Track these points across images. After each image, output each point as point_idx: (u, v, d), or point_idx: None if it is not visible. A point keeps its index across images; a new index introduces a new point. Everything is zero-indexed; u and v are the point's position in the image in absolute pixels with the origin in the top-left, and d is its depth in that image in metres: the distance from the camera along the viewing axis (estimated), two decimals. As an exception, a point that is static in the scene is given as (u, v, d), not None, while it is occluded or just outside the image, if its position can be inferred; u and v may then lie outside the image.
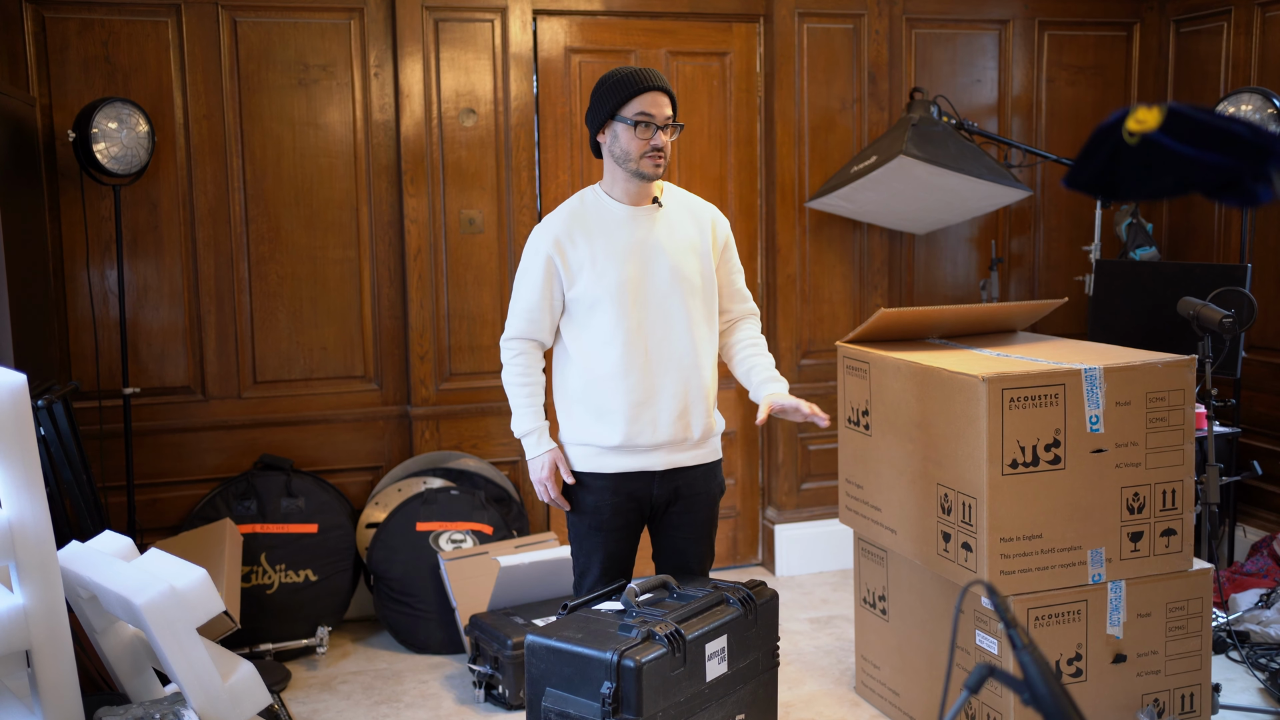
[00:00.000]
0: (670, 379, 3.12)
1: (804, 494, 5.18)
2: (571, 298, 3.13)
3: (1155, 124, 1.58)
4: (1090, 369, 3.21)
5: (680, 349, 3.13)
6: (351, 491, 4.73)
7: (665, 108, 3.07)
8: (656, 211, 3.16)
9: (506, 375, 3.21)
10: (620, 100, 3.07)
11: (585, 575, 3.22)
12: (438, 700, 4.00)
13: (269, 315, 4.62)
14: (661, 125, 3.06)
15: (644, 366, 3.10)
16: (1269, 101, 4.47)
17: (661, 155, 3.07)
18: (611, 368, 3.09)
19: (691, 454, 3.19)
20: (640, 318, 3.10)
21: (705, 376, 3.17)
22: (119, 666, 3.19)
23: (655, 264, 3.12)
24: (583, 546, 3.21)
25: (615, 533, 3.18)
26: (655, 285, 3.11)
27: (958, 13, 5.20)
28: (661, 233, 3.14)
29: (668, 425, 3.12)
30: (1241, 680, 3.93)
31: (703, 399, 3.17)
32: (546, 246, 3.13)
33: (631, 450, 3.12)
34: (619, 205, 3.15)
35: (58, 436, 3.74)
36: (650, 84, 3.06)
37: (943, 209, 4.88)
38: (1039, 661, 1.61)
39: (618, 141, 3.10)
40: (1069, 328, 5.22)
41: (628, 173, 3.11)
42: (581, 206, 3.17)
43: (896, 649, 3.73)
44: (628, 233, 3.12)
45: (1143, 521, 3.30)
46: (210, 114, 4.49)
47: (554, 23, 4.80)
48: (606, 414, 3.11)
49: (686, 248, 3.16)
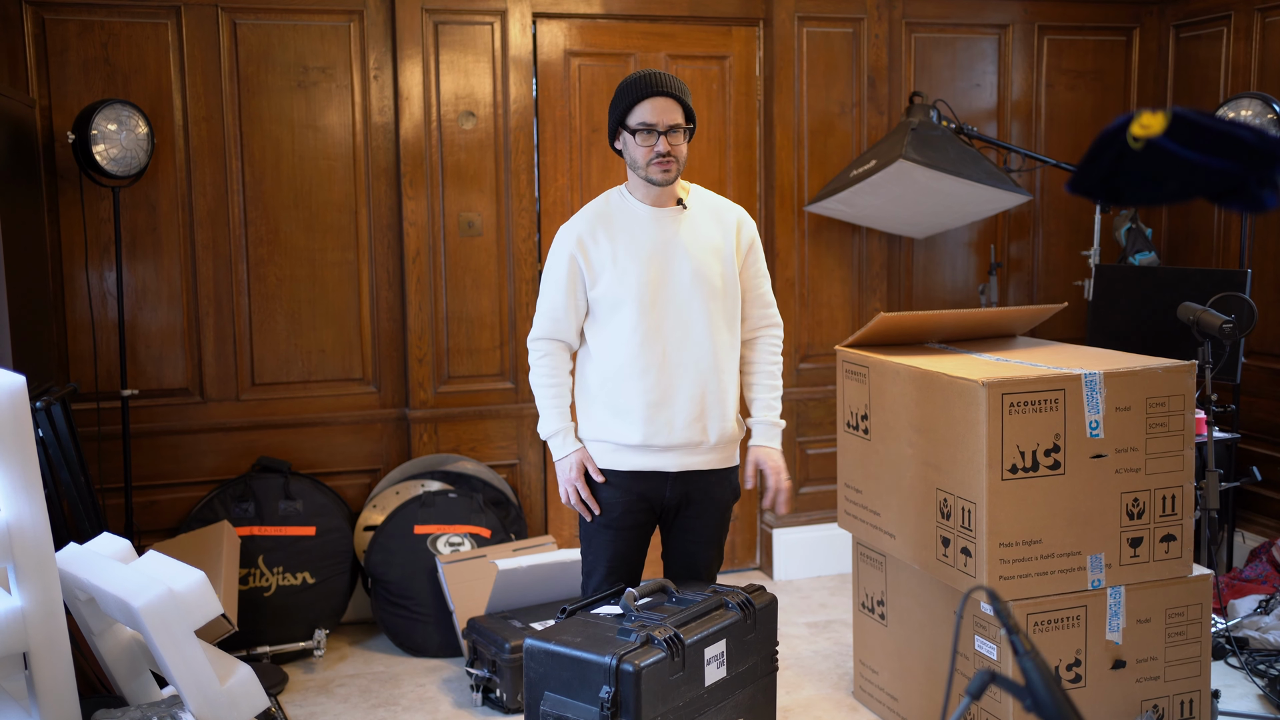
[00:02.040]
0: (687, 381, 3.11)
1: (802, 498, 5.17)
2: (594, 297, 3.13)
3: (1160, 129, 1.58)
4: (1090, 374, 3.21)
5: (699, 352, 3.12)
6: (349, 494, 4.72)
7: (670, 113, 3.05)
8: (680, 213, 3.15)
9: (533, 376, 3.21)
10: (624, 108, 3.07)
11: (592, 574, 3.22)
12: (435, 704, 3.99)
13: (267, 317, 4.61)
14: (665, 131, 3.04)
15: (661, 367, 3.09)
16: (1269, 107, 4.48)
17: (670, 160, 3.05)
18: (629, 367, 3.09)
19: (706, 458, 3.17)
20: (660, 318, 3.09)
21: (724, 380, 3.16)
22: (117, 669, 3.18)
23: (677, 265, 3.11)
24: (592, 544, 3.21)
25: (625, 532, 3.17)
26: (676, 287, 3.10)
27: (957, 17, 5.21)
28: (685, 234, 3.13)
29: (683, 427, 3.11)
30: (1241, 686, 3.93)
31: (719, 403, 3.15)
32: (570, 245, 3.13)
33: (647, 450, 3.12)
34: (642, 206, 3.14)
35: (56, 438, 3.73)
36: (651, 90, 3.04)
37: (942, 213, 4.88)
38: (1041, 667, 1.61)
39: (627, 149, 3.10)
40: (1068, 333, 5.21)
41: (640, 179, 3.11)
42: (606, 206, 3.18)
43: (895, 654, 3.72)
44: (650, 233, 3.12)
45: (1142, 527, 3.30)
46: (209, 116, 4.49)
47: (553, 26, 4.80)
48: (624, 412, 3.11)
49: (709, 250, 3.14)
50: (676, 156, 3.07)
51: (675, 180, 3.12)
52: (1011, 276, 5.41)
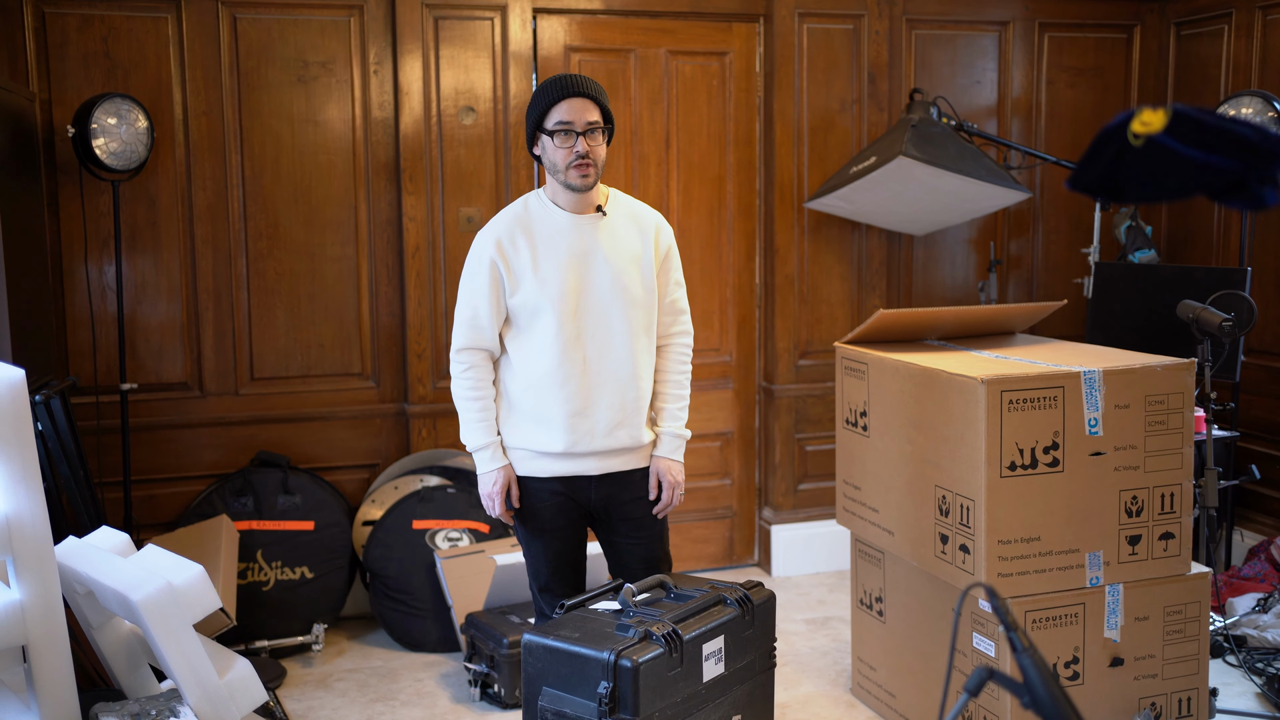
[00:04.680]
0: (608, 390, 3.09)
1: (801, 495, 5.17)
2: (514, 305, 3.08)
3: (1160, 126, 1.58)
4: (1089, 371, 3.21)
5: (618, 360, 3.09)
6: (348, 489, 4.72)
7: (587, 112, 2.99)
8: (600, 220, 3.11)
9: (456, 389, 3.15)
10: (540, 111, 3.02)
11: (539, 575, 3.21)
12: (433, 698, 4.00)
13: (267, 312, 4.61)
14: (583, 131, 2.99)
15: (582, 376, 3.07)
16: (1269, 105, 4.47)
17: (588, 163, 3.00)
18: (550, 376, 3.06)
19: (625, 459, 3.17)
20: (580, 327, 3.06)
21: (642, 387, 3.15)
22: (115, 662, 3.18)
23: (596, 274, 3.07)
24: (530, 549, 3.21)
25: (558, 531, 3.16)
26: (596, 295, 3.07)
27: (958, 14, 5.20)
28: (605, 242, 3.09)
29: (603, 435, 3.10)
30: (1239, 684, 3.93)
31: (638, 411, 3.14)
32: (490, 251, 3.08)
33: (569, 456, 3.11)
34: (561, 213, 3.09)
35: (55, 432, 3.73)
36: (567, 91, 2.99)
37: (941, 210, 4.88)
38: (1039, 664, 1.61)
39: (546, 153, 3.05)
40: (1068, 330, 5.21)
41: (559, 184, 3.06)
42: (525, 212, 3.12)
43: (893, 650, 3.72)
44: (570, 241, 3.07)
45: (1141, 525, 3.30)
46: (209, 110, 4.49)
47: (554, 21, 4.79)
48: (546, 421, 3.08)
49: (628, 258, 3.11)
50: (595, 160, 3.01)
51: (594, 185, 3.07)
52: (1011, 274, 5.41)
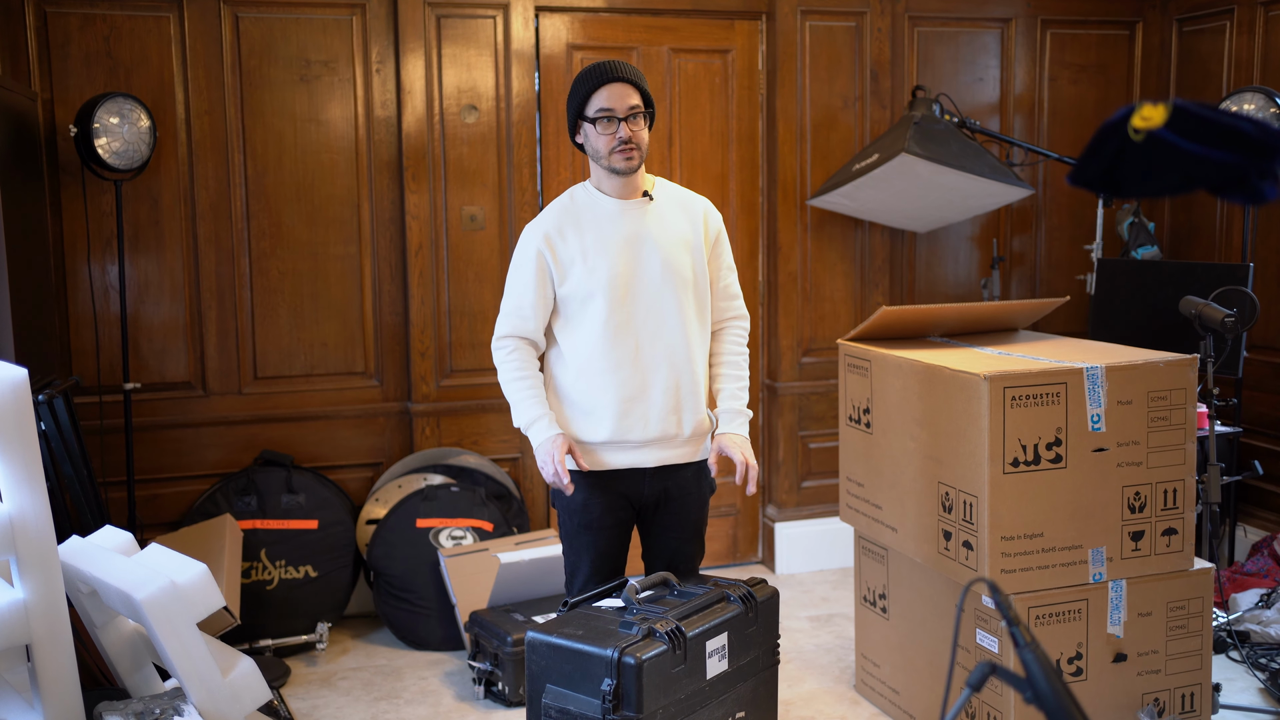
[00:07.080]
0: (661, 374, 3.09)
1: (804, 492, 5.17)
2: (563, 294, 3.09)
3: (1161, 121, 1.58)
4: (1092, 368, 3.21)
5: (672, 344, 3.09)
6: (352, 488, 4.72)
7: (628, 97, 3.01)
8: (647, 205, 3.12)
9: (503, 373, 3.14)
10: (581, 98, 3.03)
11: (576, 574, 3.19)
12: (437, 697, 4.00)
13: (270, 311, 4.62)
14: (624, 116, 3.00)
15: (635, 361, 3.07)
16: (1271, 101, 4.47)
17: (632, 147, 3.02)
18: (602, 362, 3.06)
19: (681, 451, 3.15)
20: (631, 312, 3.07)
21: (697, 372, 3.14)
22: (119, 661, 3.18)
23: (647, 258, 3.08)
24: (573, 545, 3.18)
25: (606, 531, 3.15)
26: (647, 279, 3.08)
27: (960, 11, 5.20)
28: (653, 226, 3.10)
29: (658, 421, 3.09)
30: (1242, 680, 3.93)
31: (693, 395, 3.13)
32: (537, 243, 3.09)
33: (622, 446, 3.10)
34: (608, 199, 3.11)
35: (58, 431, 3.74)
36: (607, 77, 3.00)
37: (944, 207, 4.88)
38: (1041, 660, 1.61)
39: (589, 141, 3.07)
40: (1070, 327, 5.21)
41: (604, 170, 3.08)
42: (572, 203, 3.14)
43: (897, 647, 3.72)
44: (618, 226, 3.09)
45: (1144, 521, 3.30)
46: (212, 109, 4.49)
47: (556, 19, 4.79)
48: (596, 409, 3.08)
49: (678, 242, 3.12)
50: (638, 143, 3.03)
51: (639, 169, 3.08)
52: (1014, 270, 5.41)
